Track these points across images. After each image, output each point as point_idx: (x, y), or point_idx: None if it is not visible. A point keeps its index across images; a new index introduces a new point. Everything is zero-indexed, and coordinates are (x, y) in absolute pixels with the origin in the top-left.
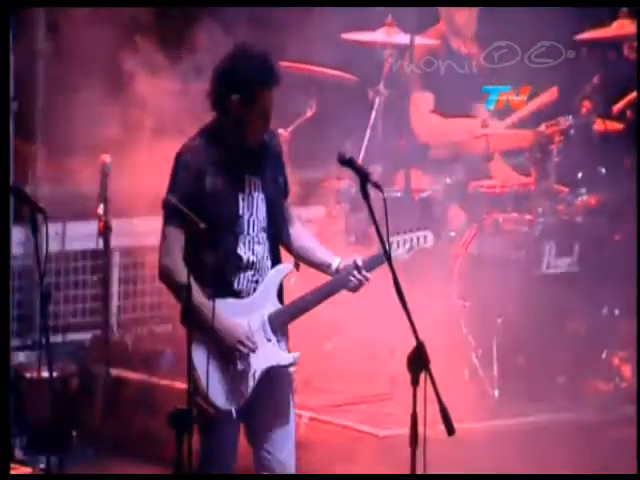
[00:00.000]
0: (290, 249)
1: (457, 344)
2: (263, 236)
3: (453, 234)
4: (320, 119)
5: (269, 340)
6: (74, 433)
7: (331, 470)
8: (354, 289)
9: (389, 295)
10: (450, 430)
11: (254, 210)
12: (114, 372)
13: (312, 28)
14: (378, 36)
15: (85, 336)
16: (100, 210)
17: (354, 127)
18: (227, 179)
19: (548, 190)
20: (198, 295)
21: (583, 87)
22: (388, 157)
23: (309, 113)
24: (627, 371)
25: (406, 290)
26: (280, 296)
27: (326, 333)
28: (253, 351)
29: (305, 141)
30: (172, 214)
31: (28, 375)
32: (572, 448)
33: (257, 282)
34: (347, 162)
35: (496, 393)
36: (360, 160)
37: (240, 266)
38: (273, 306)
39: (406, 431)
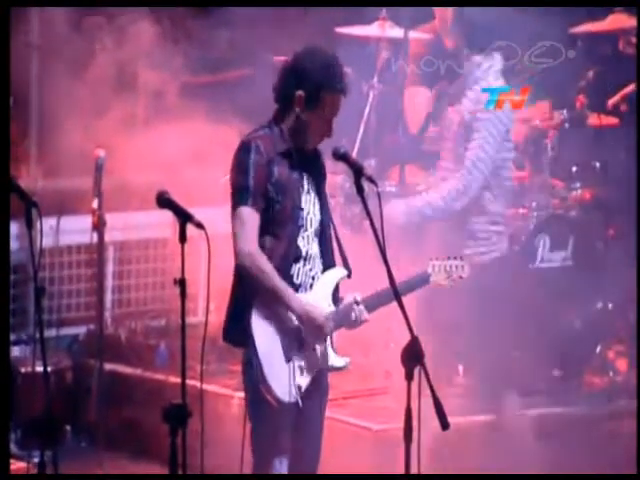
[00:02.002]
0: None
1: (451, 338)
2: (318, 235)
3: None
4: None
5: (325, 340)
6: (68, 427)
7: (326, 463)
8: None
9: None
10: (444, 424)
11: (311, 207)
12: (108, 366)
13: (306, 22)
14: (372, 30)
15: (79, 330)
16: (94, 204)
17: (348, 121)
18: (290, 171)
19: (542, 184)
20: (278, 280)
21: (578, 81)
22: (382, 151)
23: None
24: (622, 365)
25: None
26: (335, 298)
27: None
28: (329, 334)
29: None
30: (248, 196)
31: (22, 369)
32: (568, 442)
33: (314, 278)
34: (341, 156)
35: (490, 387)
36: (354, 154)
37: (299, 258)
38: (329, 307)
39: (400, 425)
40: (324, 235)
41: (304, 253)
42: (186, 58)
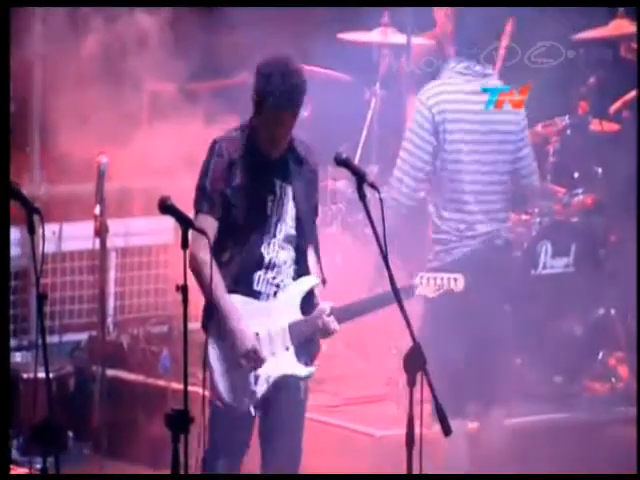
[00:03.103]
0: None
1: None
2: (288, 244)
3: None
4: (316, 119)
5: (287, 349)
6: (70, 433)
7: (328, 470)
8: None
9: None
10: (447, 430)
11: (283, 215)
12: (110, 373)
13: (308, 28)
14: (374, 36)
15: (81, 336)
16: (96, 211)
17: (350, 127)
18: (258, 177)
19: (544, 190)
20: (224, 293)
21: (580, 87)
22: (385, 157)
23: (305, 113)
24: (623, 372)
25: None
26: (304, 307)
27: None
28: (256, 367)
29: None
30: (204, 200)
31: (24, 375)
32: (568, 448)
33: (278, 286)
34: (343, 162)
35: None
36: (356, 160)
37: (261, 266)
38: (294, 315)
39: (403, 431)
40: (299, 244)
41: (267, 261)
42: (187, 65)
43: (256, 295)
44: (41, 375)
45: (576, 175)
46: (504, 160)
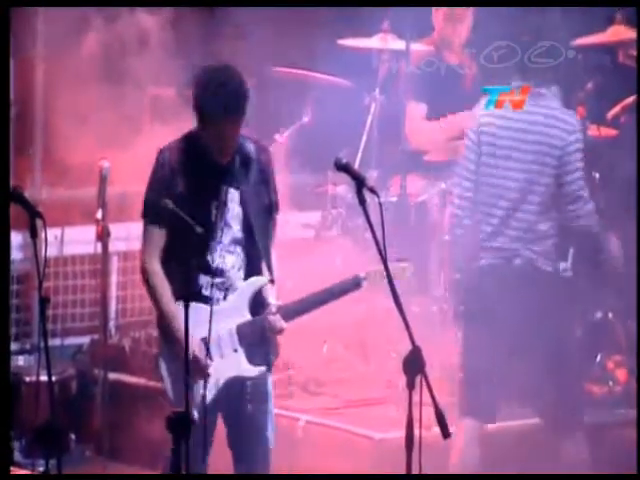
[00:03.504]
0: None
1: (452, 348)
2: (236, 247)
3: (448, 238)
4: (316, 125)
5: (235, 350)
6: (72, 436)
7: (328, 472)
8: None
9: (385, 300)
10: (446, 433)
11: (228, 219)
12: (112, 375)
13: (309, 34)
14: (374, 42)
15: (83, 340)
16: (98, 215)
17: (350, 132)
18: (201, 184)
19: None
20: (167, 302)
21: (577, 93)
22: (384, 162)
23: (305, 119)
24: (621, 375)
25: (402, 294)
26: (254, 308)
27: (323, 338)
28: (202, 371)
29: (301, 147)
30: (149, 211)
31: (27, 379)
32: (567, 449)
33: (227, 290)
34: (343, 167)
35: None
36: (356, 165)
37: (208, 272)
38: (242, 317)
39: (402, 434)
40: (248, 247)
41: (214, 266)
42: (188, 69)
43: (206, 300)
44: (43, 378)
45: None
46: (540, 181)
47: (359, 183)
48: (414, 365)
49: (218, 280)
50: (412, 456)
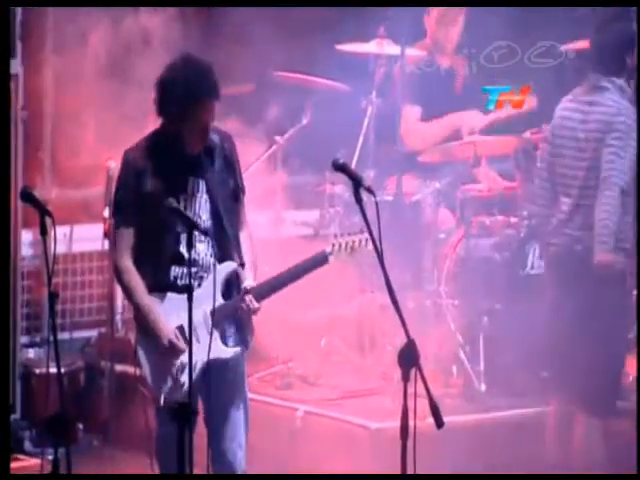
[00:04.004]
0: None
1: (446, 341)
2: (208, 236)
3: (442, 236)
4: (315, 127)
5: (210, 334)
6: (81, 426)
7: (326, 461)
8: (243, 313)
9: (381, 295)
10: (439, 423)
11: (197, 210)
12: (119, 367)
13: (308, 40)
14: (371, 47)
15: (91, 333)
16: (105, 213)
17: (347, 134)
18: (169, 180)
19: (532, 194)
20: (140, 295)
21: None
22: (380, 163)
23: (304, 121)
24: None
25: (397, 289)
26: (227, 292)
27: (321, 332)
28: (179, 353)
29: (300, 148)
30: (118, 213)
31: (37, 371)
32: (556, 439)
33: (202, 278)
34: (341, 167)
35: (483, 387)
36: (353, 165)
37: (182, 262)
38: (216, 302)
39: (397, 424)
40: (218, 234)
41: (187, 257)
42: None
43: (180, 290)
44: (53, 370)
45: None
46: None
47: (356, 183)
48: (409, 358)
49: (193, 270)
50: (407, 445)
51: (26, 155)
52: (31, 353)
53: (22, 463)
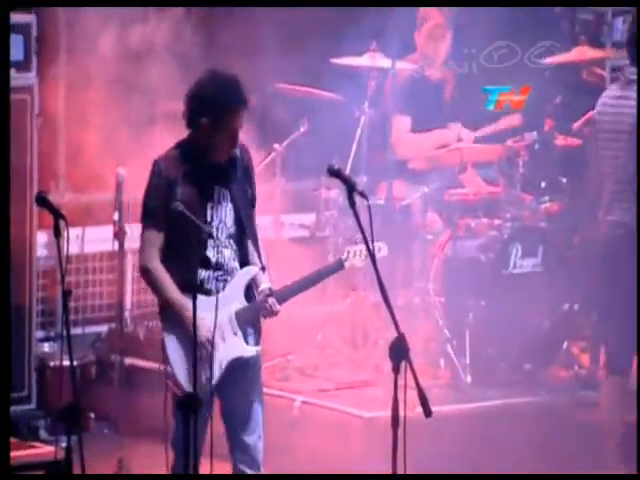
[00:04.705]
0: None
1: (434, 335)
2: (230, 241)
3: (430, 237)
4: (311, 135)
5: (235, 334)
6: (92, 415)
7: (322, 448)
8: (266, 315)
9: (373, 293)
10: (427, 412)
11: (222, 217)
12: (128, 361)
13: (305, 54)
14: (364, 61)
15: (102, 329)
16: (115, 216)
17: (342, 142)
18: (197, 189)
19: (515, 198)
20: (174, 292)
21: (546, 106)
22: (372, 169)
23: (302, 130)
24: (585, 360)
25: (388, 287)
26: (248, 294)
27: (318, 327)
28: (208, 350)
29: (298, 155)
30: (148, 217)
31: (51, 364)
32: (537, 428)
33: (225, 281)
34: (336, 173)
35: (469, 379)
36: (347, 171)
37: (209, 267)
38: (240, 303)
39: (388, 413)
40: (240, 239)
41: (213, 261)
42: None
43: (207, 292)
44: (66, 363)
45: (543, 184)
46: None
47: (350, 187)
48: (399, 351)
49: (218, 273)
50: (397, 433)
51: (40, 162)
52: (46, 347)
53: (37, 450)
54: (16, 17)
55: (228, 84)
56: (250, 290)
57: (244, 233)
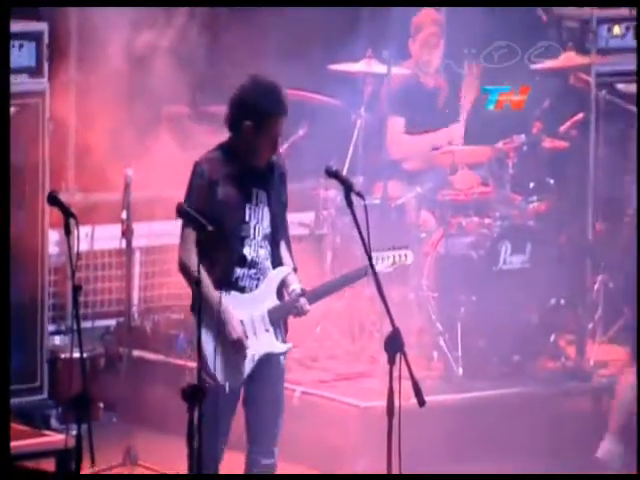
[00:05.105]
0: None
1: (427, 329)
2: (265, 241)
3: (424, 235)
4: (311, 138)
5: (267, 330)
6: (101, 405)
7: (321, 434)
8: (298, 314)
9: (369, 289)
10: (421, 402)
11: (259, 218)
12: (135, 353)
13: (305, 60)
14: (360, 67)
15: (111, 322)
16: (123, 215)
17: (339, 144)
18: (237, 190)
19: (504, 198)
20: (209, 288)
21: (535, 110)
22: (368, 170)
23: (301, 132)
24: (571, 351)
25: (384, 283)
26: (280, 293)
27: (317, 320)
28: (242, 349)
29: (298, 156)
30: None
31: (62, 356)
32: (525, 418)
33: (259, 280)
34: (333, 174)
35: (460, 371)
36: (344, 172)
37: (244, 265)
38: (272, 302)
39: (384, 403)
40: (274, 240)
41: (249, 259)
42: (201, 91)
43: (242, 290)
44: (76, 355)
45: (531, 185)
46: None
47: (347, 188)
48: (394, 344)
49: (252, 271)
50: (392, 422)
51: (52, 164)
52: (57, 340)
53: (49, 438)
54: (29, 25)
55: (270, 91)
56: (282, 289)
57: (278, 235)
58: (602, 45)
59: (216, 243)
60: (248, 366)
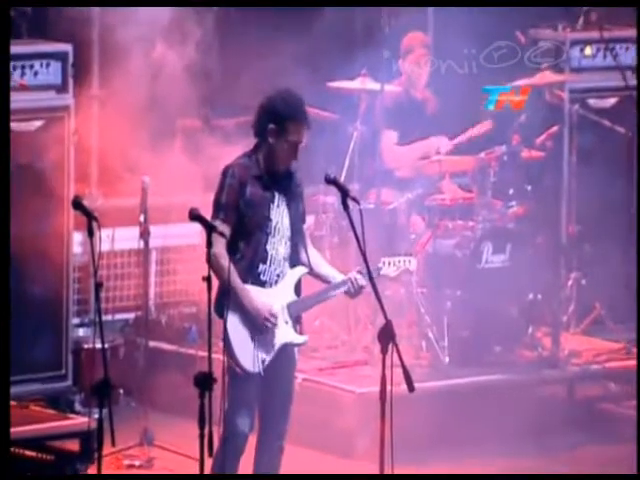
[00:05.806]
0: (309, 268)
1: (416, 321)
2: (286, 241)
3: (414, 237)
4: (311, 148)
5: (286, 322)
6: (121, 391)
7: (319, 419)
8: (351, 294)
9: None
10: (411, 388)
11: (280, 219)
12: (152, 344)
13: (305, 78)
14: (355, 84)
15: (129, 316)
16: (141, 218)
17: (337, 154)
18: (262, 190)
19: (486, 203)
20: (234, 276)
21: (514, 123)
22: (363, 177)
23: (303, 143)
24: (547, 342)
25: (378, 281)
26: (297, 290)
27: (315, 313)
28: (274, 326)
29: (299, 165)
30: (220, 211)
31: (85, 346)
32: (505, 402)
33: (278, 276)
34: (332, 181)
35: (447, 360)
36: (342, 179)
37: (266, 260)
38: (290, 297)
39: (377, 389)
40: (292, 240)
41: (270, 256)
42: (213, 104)
43: (262, 284)
44: (98, 346)
45: (511, 191)
46: None
47: (344, 193)
48: (386, 335)
49: (273, 267)
50: (385, 406)
51: (76, 171)
52: (81, 332)
53: (73, 421)
54: (55, 46)
55: (295, 100)
56: (299, 286)
57: (296, 237)
58: (575, 65)
59: (242, 239)
60: (269, 355)
